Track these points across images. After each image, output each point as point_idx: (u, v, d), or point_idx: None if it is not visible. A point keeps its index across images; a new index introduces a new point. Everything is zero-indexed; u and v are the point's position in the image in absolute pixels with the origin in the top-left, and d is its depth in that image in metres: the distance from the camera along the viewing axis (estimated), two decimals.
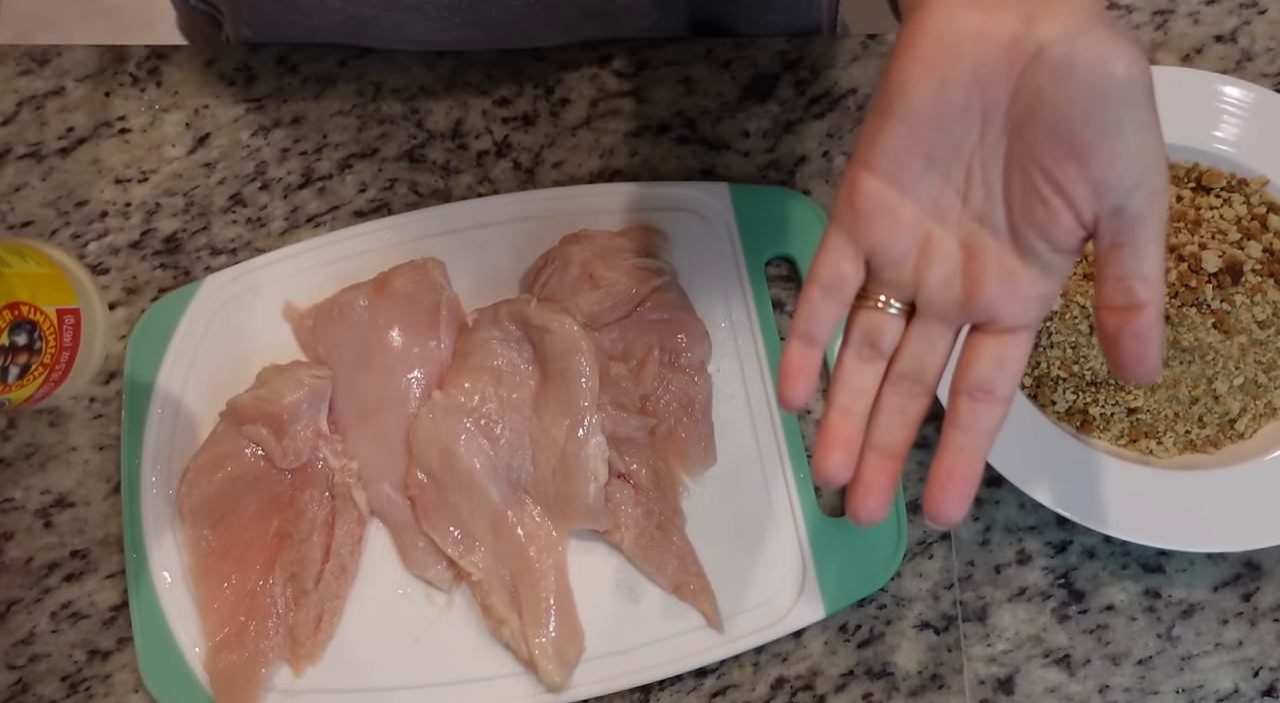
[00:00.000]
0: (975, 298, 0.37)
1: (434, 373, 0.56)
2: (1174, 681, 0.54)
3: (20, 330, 0.42)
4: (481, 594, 0.53)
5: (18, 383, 0.43)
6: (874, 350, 0.39)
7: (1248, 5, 0.64)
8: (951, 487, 0.37)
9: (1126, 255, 0.35)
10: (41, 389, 0.44)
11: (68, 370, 0.45)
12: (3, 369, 0.42)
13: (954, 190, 0.37)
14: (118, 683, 0.54)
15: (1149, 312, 0.35)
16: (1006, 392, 0.37)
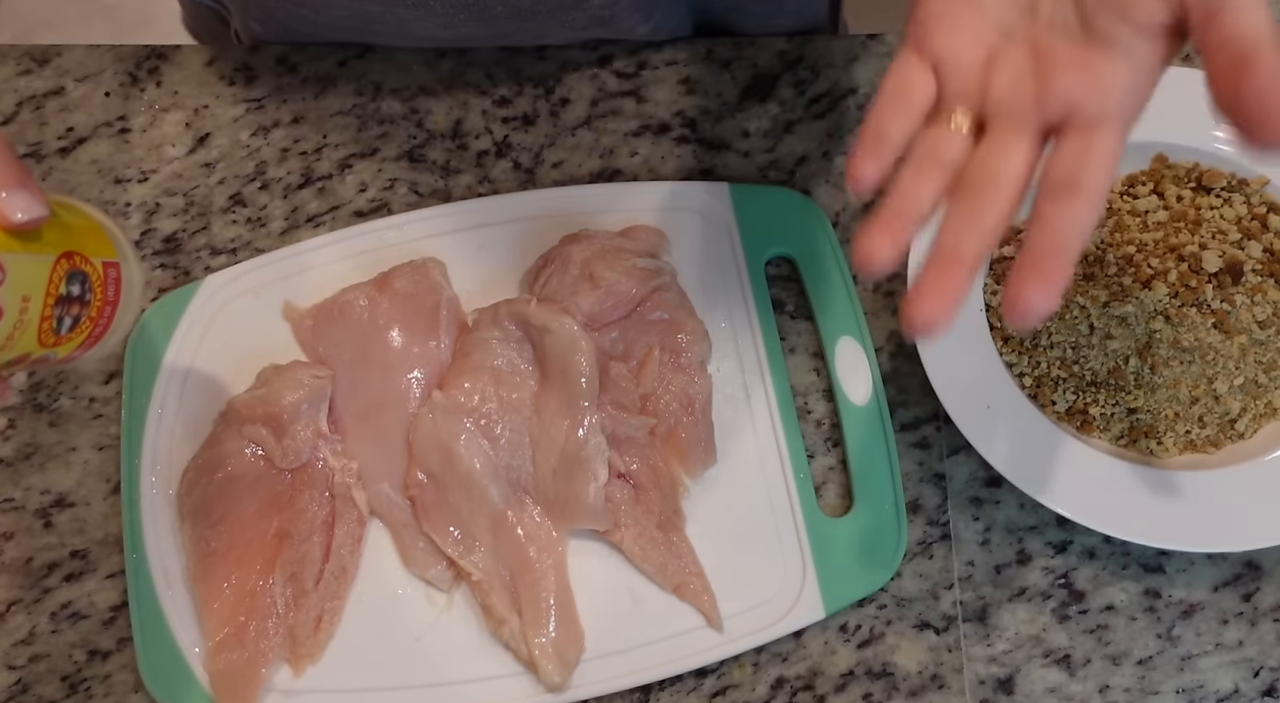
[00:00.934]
0: (1049, 90, 0.35)
1: (434, 373, 0.56)
2: (1174, 681, 0.54)
3: (75, 280, 0.40)
4: (481, 594, 0.53)
5: (68, 335, 0.41)
6: (934, 163, 0.36)
7: None
8: (1033, 277, 0.33)
9: (1225, 18, 0.32)
10: (84, 344, 0.42)
11: (108, 326, 0.43)
12: (58, 319, 0.40)
13: (1019, 7, 0.36)
14: (117, 683, 0.54)
15: (1264, 59, 0.31)
16: (1092, 185, 0.34)
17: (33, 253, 0.38)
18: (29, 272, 0.38)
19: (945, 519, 0.56)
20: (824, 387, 0.58)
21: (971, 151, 0.36)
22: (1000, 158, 0.35)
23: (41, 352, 0.40)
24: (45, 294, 0.38)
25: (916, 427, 0.57)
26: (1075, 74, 0.35)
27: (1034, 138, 0.36)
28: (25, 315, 0.38)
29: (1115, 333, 0.54)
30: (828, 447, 0.57)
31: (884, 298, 0.59)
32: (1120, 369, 0.54)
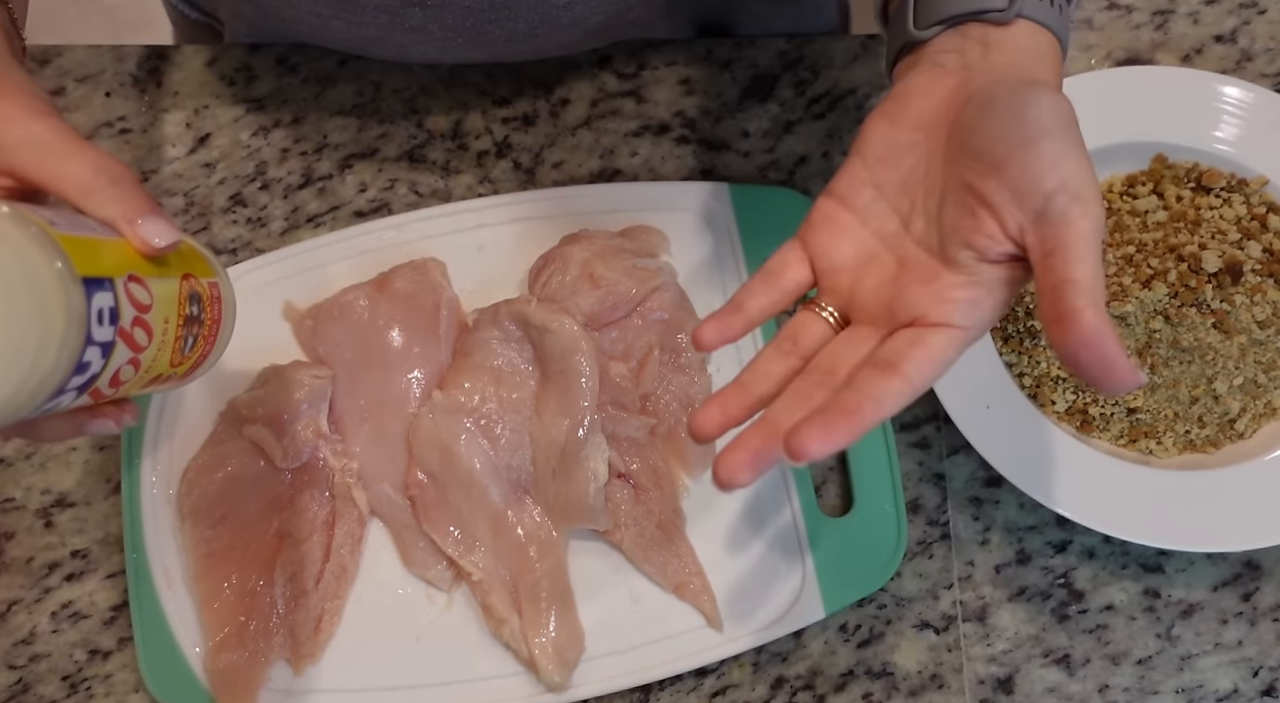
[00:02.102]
0: (901, 298, 0.39)
1: (434, 373, 0.56)
2: (1173, 680, 0.54)
3: (194, 301, 0.40)
4: (481, 594, 0.53)
5: (189, 355, 0.41)
6: (793, 345, 0.41)
7: (1247, 5, 0.64)
8: (819, 423, 0.35)
9: (1056, 263, 0.35)
10: (197, 363, 0.42)
11: (213, 344, 0.43)
12: (185, 340, 0.40)
13: (899, 218, 0.40)
14: (118, 683, 0.54)
15: (1086, 314, 0.34)
16: (912, 370, 0.36)
17: (166, 276, 0.38)
18: (166, 294, 0.38)
19: (945, 519, 0.56)
20: None
21: (828, 338, 0.41)
22: (847, 352, 0.39)
23: (169, 371, 0.40)
24: (177, 316, 0.39)
25: (916, 427, 0.57)
26: (924, 286, 0.38)
27: (882, 336, 0.39)
28: (165, 337, 0.38)
29: None
30: None
31: None
32: None
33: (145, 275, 0.37)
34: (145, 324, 0.36)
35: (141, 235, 0.37)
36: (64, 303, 0.31)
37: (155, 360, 0.38)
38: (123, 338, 0.35)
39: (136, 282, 0.36)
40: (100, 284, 0.34)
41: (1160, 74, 0.59)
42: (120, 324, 0.35)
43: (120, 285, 0.35)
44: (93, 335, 0.33)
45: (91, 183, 0.36)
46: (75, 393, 0.34)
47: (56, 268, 0.31)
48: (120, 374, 0.36)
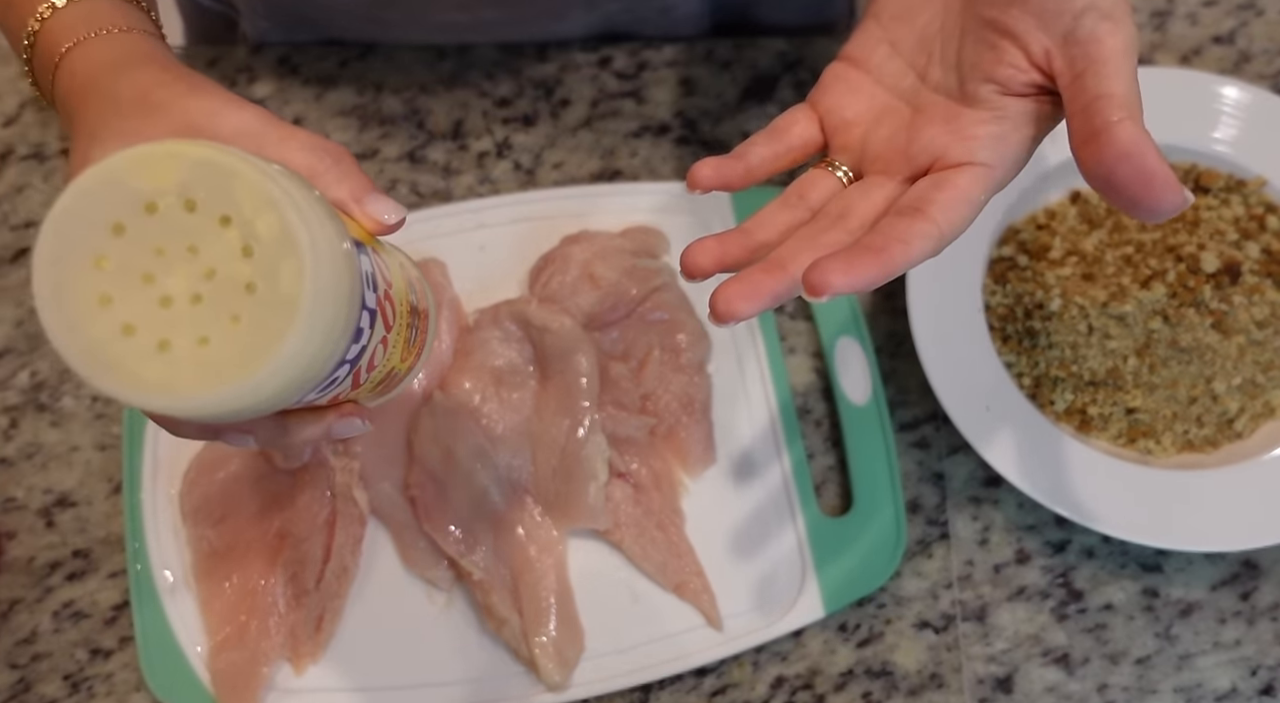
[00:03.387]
0: (918, 140, 0.37)
1: (434, 373, 0.56)
2: (1172, 680, 0.54)
3: (413, 290, 0.37)
4: (482, 594, 0.53)
5: (411, 349, 0.37)
6: (800, 199, 0.39)
7: (1245, 6, 0.64)
8: (843, 260, 0.32)
9: (1088, 81, 0.33)
10: (414, 362, 0.38)
11: (424, 343, 0.39)
12: (411, 330, 0.36)
13: (916, 73, 0.39)
14: (119, 682, 0.54)
15: (1124, 126, 0.31)
16: (938, 213, 0.34)
17: (389, 260, 0.36)
18: (398, 277, 0.35)
19: (944, 519, 0.56)
20: (824, 387, 0.58)
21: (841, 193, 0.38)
22: (861, 199, 0.37)
23: (398, 367, 0.37)
24: (406, 301, 0.36)
25: (916, 427, 0.57)
26: (942, 124, 0.36)
27: (900, 184, 0.37)
28: (402, 321, 0.35)
29: (1114, 333, 0.54)
30: (828, 447, 0.57)
31: (884, 298, 0.60)
32: (1119, 369, 0.54)
33: (379, 253, 0.34)
34: (392, 301, 0.34)
35: (371, 212, 0.35)
36: (346, 251, 0.29)
37: (394, 348, 0.35)
38: (380, 312, 0.32)
39: (377, 256, 0.34)
40: (359, 246, 0.31)
41: (1159, 75, 0.59)
42: (378, 294, 0.32)
43: (369, 255, 0.32)
44: (365, 298, 0.30)
45: (315, 165, 0.35)
46: (349, 367, 0.31)
47: (337, 223, 0.29)
48: (376, 356, 0.33)
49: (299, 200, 0.27)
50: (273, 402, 0.28)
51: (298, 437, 0.35)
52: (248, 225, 0.26)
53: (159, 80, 0.36)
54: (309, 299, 0.26)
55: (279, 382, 0.26)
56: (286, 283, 0.26)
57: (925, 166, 0.36)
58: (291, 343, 0.26)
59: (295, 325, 0.26)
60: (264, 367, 0.26)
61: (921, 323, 0.55)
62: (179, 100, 0.35)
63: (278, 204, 0.26)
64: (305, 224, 0.26)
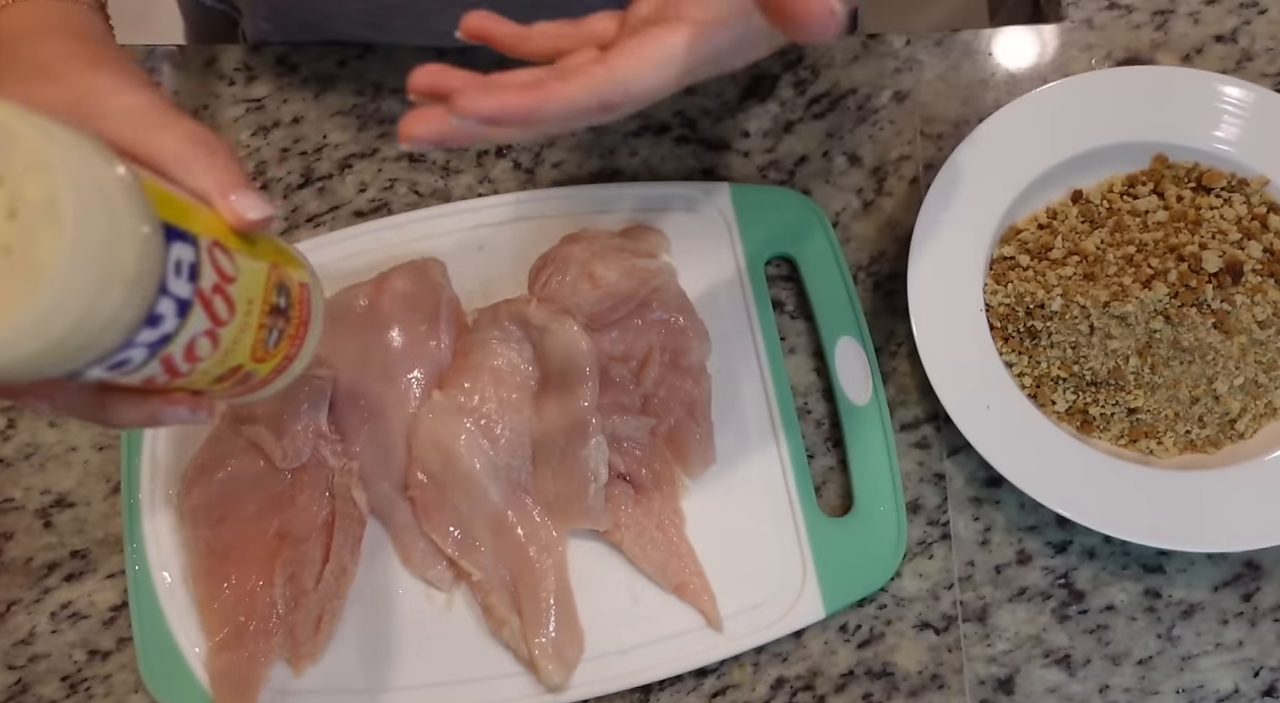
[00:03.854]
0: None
1: (434, 373, 0.56)
2: (1174, 681, 0.54)
3: (281, 293, 0.37)
4: (481, 594, 0.53)
5: (272, 351, 0.38)
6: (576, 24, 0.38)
7: (1248, 5, 0.64)
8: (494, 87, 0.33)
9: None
10: (279, 366, 0.39)
11: (300, 348, 0.39)
12: (268, 331, 0.37)
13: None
14: (117, 683, 0.54)
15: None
16: (616, 58, 0.34)
17: (254, 257, 0.36)
18: (252, 274, 0.36)
19: (945, 519, 0.56)
20: (824, 387, 0.58)
21: None
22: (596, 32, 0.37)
23: (250, 367, 0.37)
24: (263, 300, 0.36)
25: (916, 427, 0.57)
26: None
27: None
28: (248, 318, 0.35)
29: (1115, 333, 0.54)
30: (828, 447, 0.57)
31: (884, 298, 0.59)
32: (1120, 369, 0.54)
33: (232, 248, 0.35)
34: (228, 296, 0.34)
35: (233, 207, 0.35)
36: (137, 232, 0.29)
37: (236, 344, 0.35)
38: (202, 302, 0.32)
39: (222, 249, 0.34)
40: (181, 236, 0.31)
41: (1160, 74, 0.59)
42: (200, 286, 0.32)
43: (204, 246, 0.33)
44: (169, 286, 0.30)
45: (186, 153, 0.35)
46: (146, 351, 0.31)
47: (135, 205, 0.29)
48: (196, 347, 0.33)
49: (82, 174, 0.27)
50: (32, 365, 0.28)
51: (116, 416, 0.36)
52: (16, 188, 0.26)
53: (67, 52, 0.37)
54: (62, 270, 0.26)
55: (29, 347, 0.27)
56: (43, 250, 0.26)
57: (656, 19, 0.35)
58: (38, 309, 0.26)
59: (42, 293, 0.26)
60: (6, 327, 0.26)
61: (922, 323, 0.55)
62: (75, 74, 0.36)
63: (50, 170, 0.26)
64: (77, 196, 0.26)
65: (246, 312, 0.35)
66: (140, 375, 0.33)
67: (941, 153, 0.61)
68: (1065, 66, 0.63)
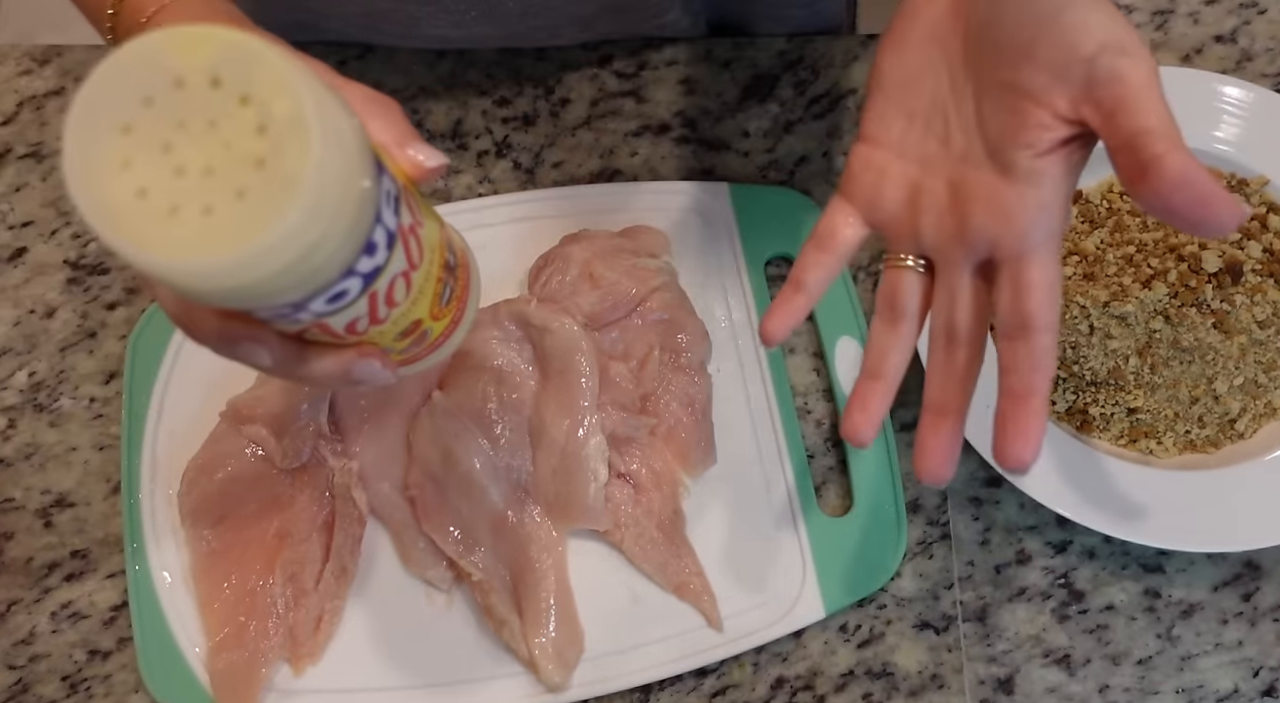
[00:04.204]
0: (967, 229, 0.37)
1: (434, 373, 0.56)
2: (1174, 681, 0.54)
3: (451, 250, 0.37)
4: (482, 595, 0.53)
5: (444, 309, 0.38)
6: (894, 311, 0.40)
7: (1248, 5, 0.64)
8: (1010, 427, 0.36)
9: (1122, 120, 0.33)
10: (448, 329, 0.39)
11: (462, 314, 0.39)
12: (443, 286, 0.37)
13: (936, 139, 0.39)
14: (118, 683, 0.54)
15: (1170, 158, 0.32)
16: (1039, 318, 0.36)
17: (426, 211, 0.36)
18: (430, 226, 0.36)
19: (945, 519, 0.56)
20: (824, 387, 0.58)
21: (925, 289, 0.40)
22: (951, 301, 0.38)
23: (428, 323, 0.37)
24: (438, 253, 0.36)
25: (916, 427, 0.57)
26: (985, 209, 0.36)
27: (972, 275, 0.38)
28: (431, 269, 0.35)
29: (1115, 333, 0.54)
30: (828, 447, 0.57)
31: None
32: (1120, 369, 0.54)
33: (416, 197, 0.35)
34: (419, 239, 0.34)
35: (412, 156, 0.35)
36: (365, 152, 0.29)
37: (421, 293, 0.35)
38: (403, 239, 0.33)
39: (406, 192, 0.34)
40: (385, 172, 0.32)
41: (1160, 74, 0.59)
42: (401, 222, 0.32)
43: (400, 185, 0.33)
44: (382, 215, 0.31)
45: (365, 109, 0.35)
46: (361, 284, 0.31)
47: (356, 126, 0.30)
48: (394, 289, 0.33)
49: (319, 92, 0.28)
50: (274, 285, 0.28)
51: (316, 367, 0.35)
52: (265, 106, 0.27)
53: (214, 9, 0.39)
54: (312, 180, 0.27)
55: (279, 261, 0.27)
56: (293, 162, 0.27)
57: (985, 254, 0.37)
58: (291, 219, 0.27)
59: (295, 202, 0.27)
60: (262, 238, 0.27)
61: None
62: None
63: (295, 89, 0.27)
64: (320, 112, 0.27)
65: (430, 260, 0.35)
66: (348, 316, 0.33)
67: None
68: None
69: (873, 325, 0.41)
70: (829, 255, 0.40)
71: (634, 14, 0.61)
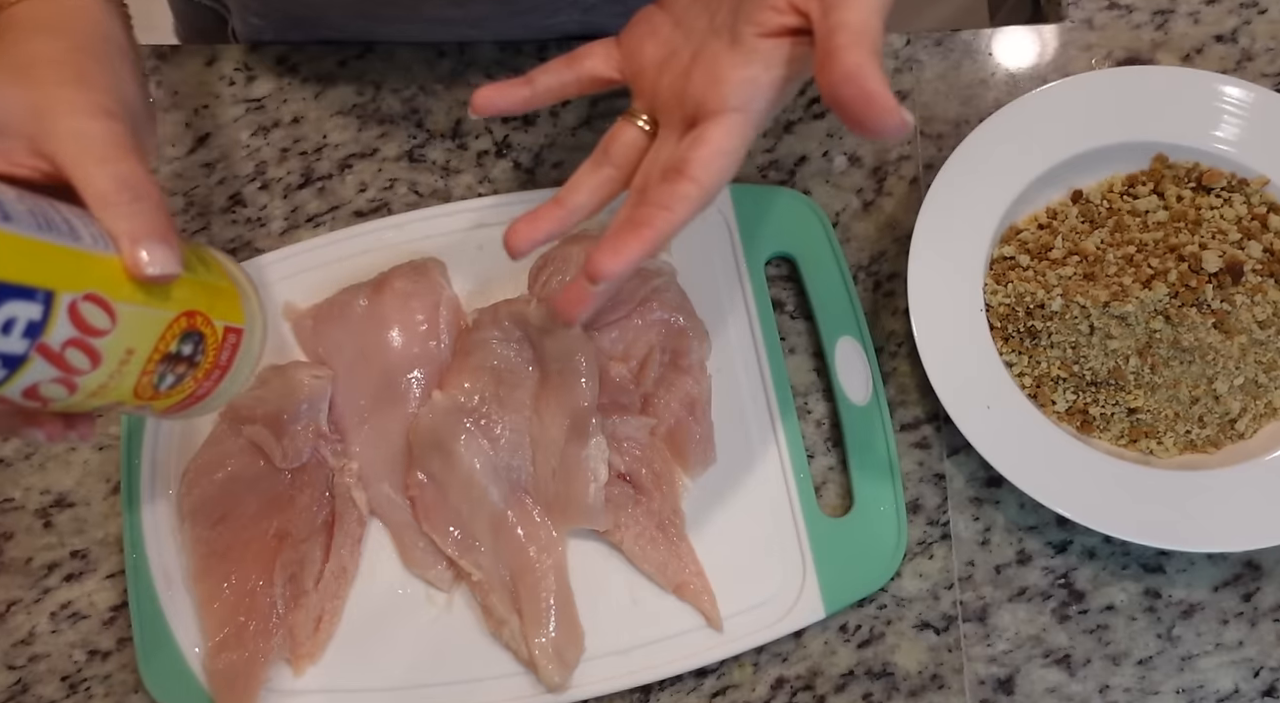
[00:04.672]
0: (686, 89, 0.39)
1: (434, 373, 0.56)
2: (1174, 681, 0.54)
3: (189, 340, 0.39)
4: (481, 594, 0.53)
5: (167, 392, 0.40)
6: (604, 155, 0.42)
7: (1248, 5, 0.64)
8: (611, 242, 0.37)
9: (831, 14, 0.35)
10: (181, 404, 0.41)
11: (211, 390, 0.42)
12: (160, 376, 0.39)
13: (707, 15, 0.40)
14: (117, 683, 0.54)
15: (851, 50, 0.33)
16: (697, 170, 0.37)
17: (154, 307, 0.37)
18: (142, 325, 0.37)
19: (945, 519, 0.56)
20: (824, 387, 0.58)
21: (643, 147, 0.42)
22: (653, 163, 0.41)
23: (136, 404, 0.39)
24: (153, 350, 0.38)
25: (916, 427, 0.57)
26: (704, 72, 0.38)
27: (679, 137, 0.40)
28: (126, 366, 0.37)
29: (1115, 333, 0.54)
30: (828, 447, 0.57)
31: (884, 298, 0.59)
32: (1120, 369, 0.54)
33: (118, 299, 0.36)
34: (89, 348, 0.35)
35: (133, 256, 0.36)
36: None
37: (104, 387, 0.37)
38: (44, 355, 0.34)
39: (96, 302, 0.35)
40: (25, 293, 0.33)
41: (1160, 74, 0.59)
42: (44, 341, 0.34)
43: (62, 302, 0.34)
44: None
45: (112, 196, 0.36)
46: None
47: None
48: (40, 389, 0.35)
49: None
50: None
51: None
52: None
53: (55, 56, 0.38)
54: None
55: None
56: None
57: (693, 114, 0.38)
58: None
59: None
60: None
61: (922, 323, 0.55)
62: (49, 84, 0.37)
63: None
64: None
65: (122, 360, 0.37)
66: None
67: (941, 153, 0.61)
68: (1065, 66, 0.63)
69: (582, 164, 0.42)
70: (570, 71, 0.43)
71: None
